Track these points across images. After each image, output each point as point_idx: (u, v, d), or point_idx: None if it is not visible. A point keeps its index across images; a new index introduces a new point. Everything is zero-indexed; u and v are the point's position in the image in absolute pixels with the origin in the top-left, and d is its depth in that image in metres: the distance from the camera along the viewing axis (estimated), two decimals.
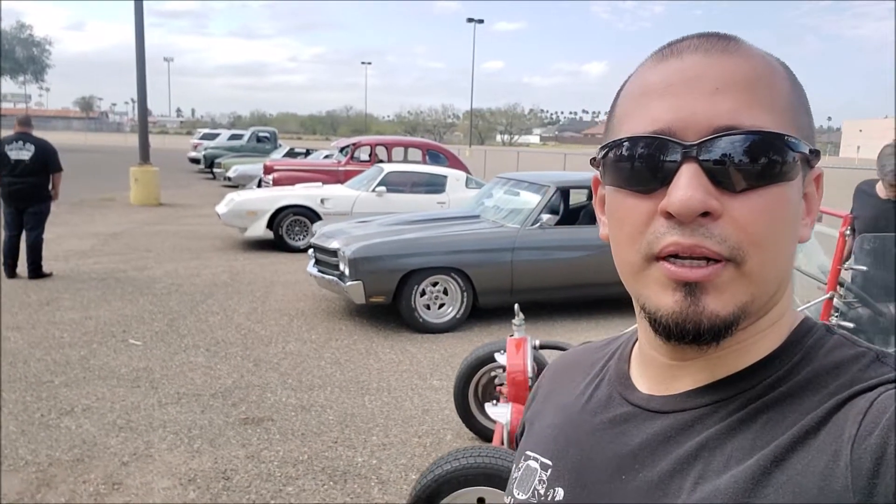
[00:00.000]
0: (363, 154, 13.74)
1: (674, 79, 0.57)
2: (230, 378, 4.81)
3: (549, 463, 0.68)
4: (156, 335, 5.71)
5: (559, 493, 0.65)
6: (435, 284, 6.08)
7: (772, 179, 0.55)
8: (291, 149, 20.95)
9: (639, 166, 0.57)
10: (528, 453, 0.72)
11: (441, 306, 6.14)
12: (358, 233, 6.42)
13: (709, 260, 0.54)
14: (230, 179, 18.74)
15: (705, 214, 0.54)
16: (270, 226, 9.82)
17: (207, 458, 3.64)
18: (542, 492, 0.67)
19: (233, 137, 27.82)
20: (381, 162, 12.88)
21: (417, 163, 12.98)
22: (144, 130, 15.94)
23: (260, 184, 13.91)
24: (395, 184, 10.22)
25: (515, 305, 3.48)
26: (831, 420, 0.52)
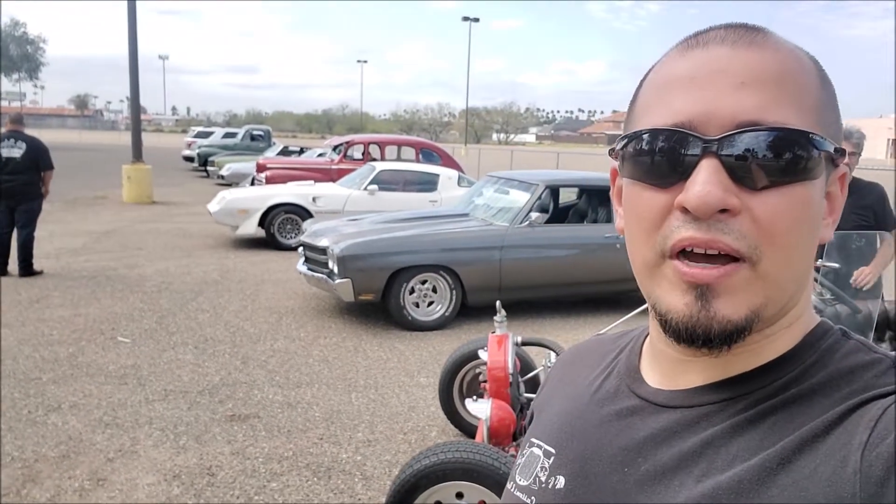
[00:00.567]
0: (356, 152, 13.75)
1: (698, 71, 0.55)
2: (218, 375, 4.82)
3: (553, 451, 0.67)
4: (145, 332, 5.72)
5: (560, 481, 0.64)
6: (424, 282, 6.11)
7: (794, 178, 0.53)
8: (285, 147, 20.93)
9: (657, 159, 0.55)
10: (533, 440, 0.71)
11: (430, 304, 6.16)
12: (347, 231, 6.44)
13: (724, 259, 0.53)
14: (223, 178, 18.73)
15: (723, 211, 0.52)
16: (262, 224, 9.82)
17: (193, 454, 3.66)
18: (543, 479, 0.66)
19: (227, 136, 27.81)
20: (373, 160, 12.89)
21: (410, 161, 13.00)
22: (137, 128, 15.92)
23: (253, 182, 13.92)
24: (388, 182, 10.24)
25: (497, 302, 3.51)
26: (841, 425, 0.50)
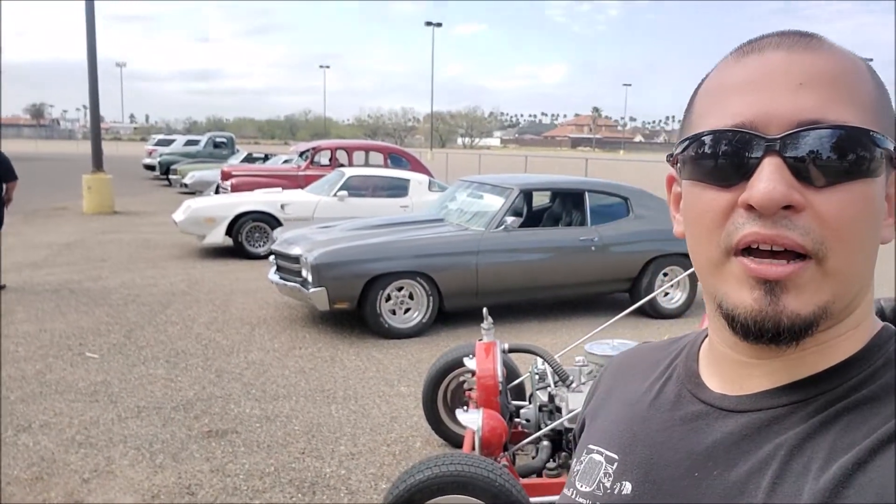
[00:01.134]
0: (323, 158, 13.61)
1: (756, 75, 0.56)
2: (191, 390, 4.69)
3: (616, 457, 0.67)
4: (113, 347, 5.55)
5: (627, 486, 0.64)
6: (400, 289, 6.03)
7: (857, 175, 0.53)
8: (249, 154, 20.65)
9: (719, 160, 0.56)
10: (592, 447, 0.71)
11: (407, 311, 6.09)
12: (320, 238, 6.33)
13: (790, 256, 0.53)
14: (187, 186, 18.41)
15: (788, 208, 0.53)
16: (229, 233, 9.65)
17: (171, 473, 3.54)
18: (607, 485, 0.66)
19: (189, 143, 27.32)
20: (341, 166, 12.77)
21: (379, 167, 12.90)
22: (97, 137, 15.55)
23: (218, 190, 13.68)
24: (358, 188, 10.14)
25: (484, 309, 3.46)
26: None
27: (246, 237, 9.75)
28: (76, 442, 3.85)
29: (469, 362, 3.36)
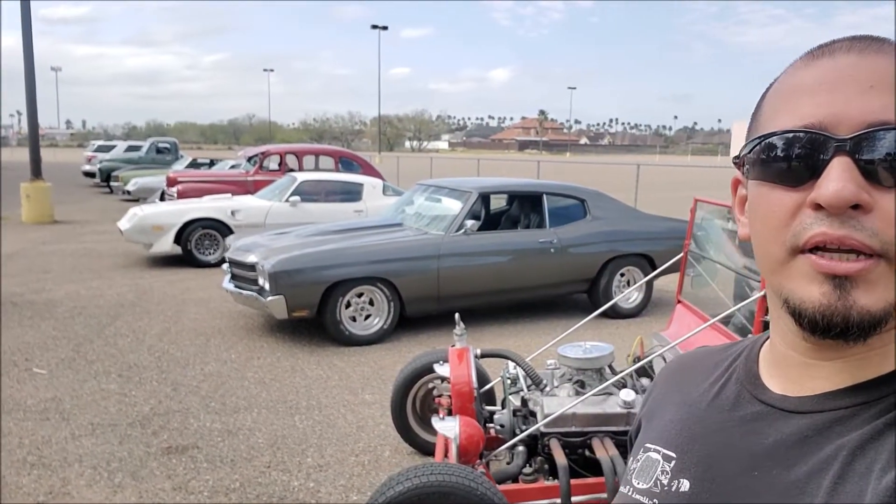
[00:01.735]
0: (272, 163, 13.38)
1: (827, 77, 0.56)
2: (147, 405, 4.52)
3: (673, 455, 0.68)
4: (62, 362, 5.31)
5: (685, 483, 0.65)
6: (360, 295, 5.95)
7: None
8: (194, 159, 20.18)
9: (788, 160, 0.56)
10: (649, 445, 0.72)
11: (367, 317, 6.01)
12: (276, 245, 6.20)
13: (858, 254, 0.53)
14: (130, 193, 17.87)
15: (856, 207, 0.53)
16: (178, 241, 9.38)
17: (131, 492, 3.39)
18: (665, 482, 0.67)
19: (130, 149, 26.52)
20: (291, 171, 12.58)
21: (330, 171, 12.75)
22: (35, 144, 14.97)
23: (163, 197, 13.32)
24: (310, 193, 9.99)
25: (456, 315, 3.42)
26: None
27: (196, 245, 9.50)
28: (28, 463, 3.66)
29: (440, 368, 3.31)
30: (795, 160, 0.56)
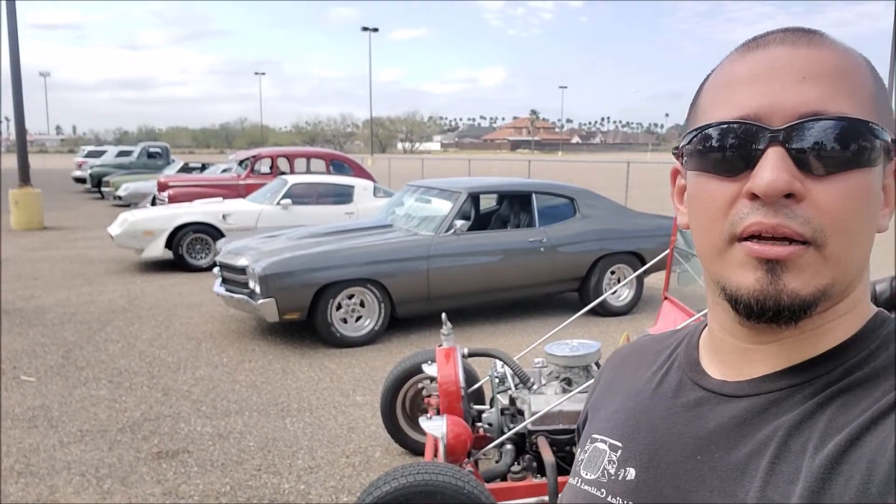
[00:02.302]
0: (264, 166, 13.36)
1: (760, 68, 0.58)
2: (138, 410, 4.51)
3: (619, 444, 0.69)
4: (51, 369, 5.29)
5: (631, 472, 0.66)
6: (351, 297, 5.95)
7: (855, 165, 0.56)
8: (186, 164, 20.16)
9: (725, 151, 0.58)
10: (595, 436, 0.73)
11: (358, 319, 6.00)
12: (267, 248, 6.19)
13: (791, 241, 0.55)
14: (121, 198, 17.82)
15: (789, 196, 0.55)
16: (169, 245, 9.36)
17: (120, 498, 3.38)
18: (612, 471, 0.68)
19: (121, 154, 26.49)
20: (282, 174, 12.56)
21: (321, 173, 12.74)
22: (23, 150, 14.90)
23: (154, 201, 13.28)
24: (301, 196, 9.98)
25: (443, 315, 3.43)
26: None
27: (187, 249, 9.48)
28: (15, 471, 3.64)
29: (428, 368, 3.32)
30: (731, 151, 0.57)
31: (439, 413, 3.10)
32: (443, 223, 6.35)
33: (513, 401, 3.21)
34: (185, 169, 19.13)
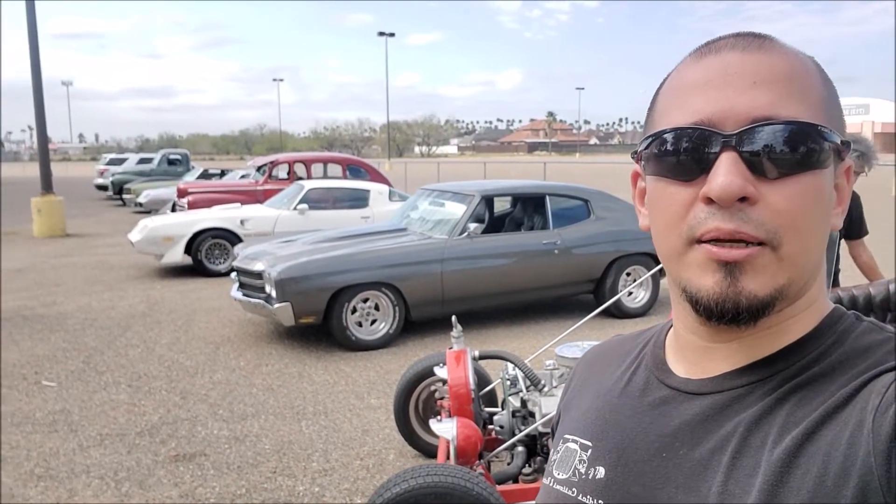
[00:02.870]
0: (281, 172, 13.48)
1: (713, 74, 0.60)
2: (156, 414, 4.57)
3: (589, 444, 0.71)
4: (71, 374, 5.38)
5: (600, 471, 0.68)
6: (366, 301, 5.98)
7: (807, 167, 0.57)
8: (205, 170, 20.37)
9: (680, 156, 0.60)
10: (567, 436, 0.74)
11: (373, 322, 6.04)
12: (283, 253, 6.25)
13: (748, 244, 0.57)
14: (142, 205, 18.05)
15: (743, 200, 0.56)
16: (188, 251, 9.47)
17: (138, 501, 3.43)
18: (582, 471, 0.69)
19: (142, 161, 26.81)
20: (300, 179, 12.66)
21: (338, 178, 12.83)
22: (45, 158, 15.15)
23: (174, 208, 13.44)
24: (318, 200, 10.05)
25: (453, 317, 3.44)
26: (858, 395, 0.55)
27: (206, 254, 9.58)
28: (35, 475, 3.71)
29: (440, 371, 3.33)
30: (686, 156, 0.59)
31: (450, 415, 3.12)
32: (456, 226, 6.37)
33: (524, 403, 3.22)
34: (205, 175, 19.32)
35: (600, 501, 0.66)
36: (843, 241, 3.71)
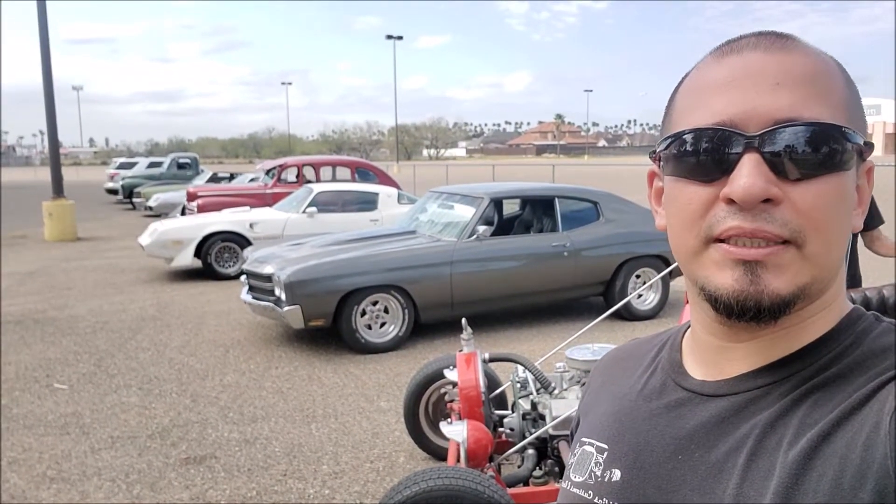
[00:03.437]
0: (290, 175, 13.52)
1: (735, 74, 0.59)
2: (167, 416, 4.59)
3: (605, 447, 0.71)
4: (83, 377, 5.41)
5: (616, 473, 0.68)
6: (375, 303, 5.99)
7: (830, 168, 0.57)
8: (214, 174, 20.45)
9: (701, 156, 0.59)
10: (584, 439, 0.75)
11: (382, 325, 6.04)
12: (292, 256, 6.27)
13: (768, 243, 0.57)
14: (152, 209, 18.16)
15: (766, 201, 0.56)
16: (198, 254, 9.51)
17: (149, 503, 3.44)
18: (598, 473, 0.70)
19: (152, 165, 26.98)
20: (309, 182, 12.69)
21: (346, 181, 12.85)
22: (56, 162, 15.25)
23: (184, 211, 13.50)
24: (326, 204, 10.08)
25: (463, 320, 3.44)
26: (875, 397, 0.54)
27: (215, 258, 9.62)
28: (48, 477, 3.73)
29: (450, 374, 3.33)
30: (707, 156, 0.59)
31: (461, 418, 3.11)
32: (466, 229, 6.37)
33: (534, 405, 3.21)
34: (214, 179, 19.41)
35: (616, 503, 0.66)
36: (859, 235, 3.67)
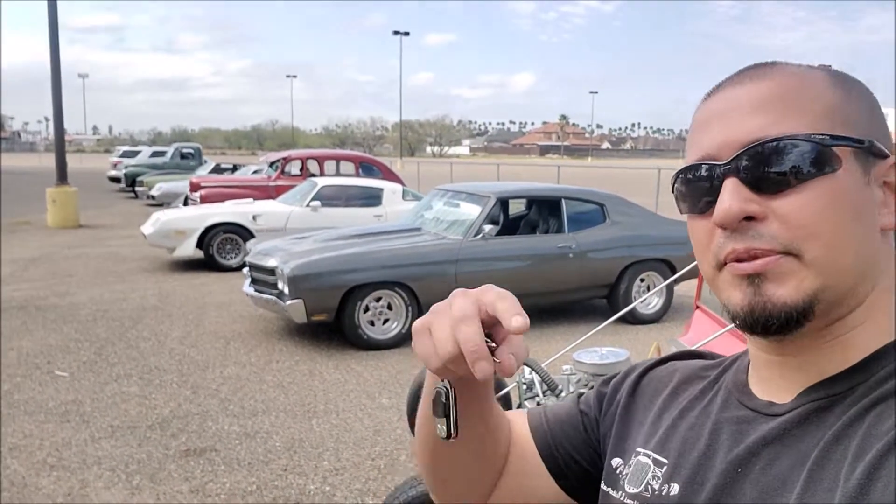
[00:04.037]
0: (294, 168, 13.50)
1: (716, 111, 0.64)
2: (167, 407, 4.56)
3: (664, 461, 0.71)
4: (83, 365, 5.38)
5: (674, 488, 0.68)
6: (378, 300, 5.96)
7: (810, 175, 0.58)
8: (218, 164, 20.46)
9: (693, 192, 0.64)
10: (640, 450, 0.75)
11: (385, 322, 6.02)
12: (296, 249, 6.24)
13: (765, 254, 0.59)
14: (154, 198, 18.15)
15: (750, 219, 0.59)
16: (200, 245, 9.49)
17: (148, 494, 3.42)
18: (656, 487, 0.70)
19: (155, 154, 27.03)
20: (312, 176, 12.67)
21: (350, 176, 12.82)
22: (61, 149, 15.23)
23: (186, 201, 13.49)
24: (330, 198, 10.05)
25: None
26: None
27: (217, 249, 9.60)
28: (48, 465, 3.71)
29: None
30: (698, 190, 0.64)
31: None
32: (471, 227, 6.34)
33: None
34: (217, 170, 19.41)
35: None
36: None
